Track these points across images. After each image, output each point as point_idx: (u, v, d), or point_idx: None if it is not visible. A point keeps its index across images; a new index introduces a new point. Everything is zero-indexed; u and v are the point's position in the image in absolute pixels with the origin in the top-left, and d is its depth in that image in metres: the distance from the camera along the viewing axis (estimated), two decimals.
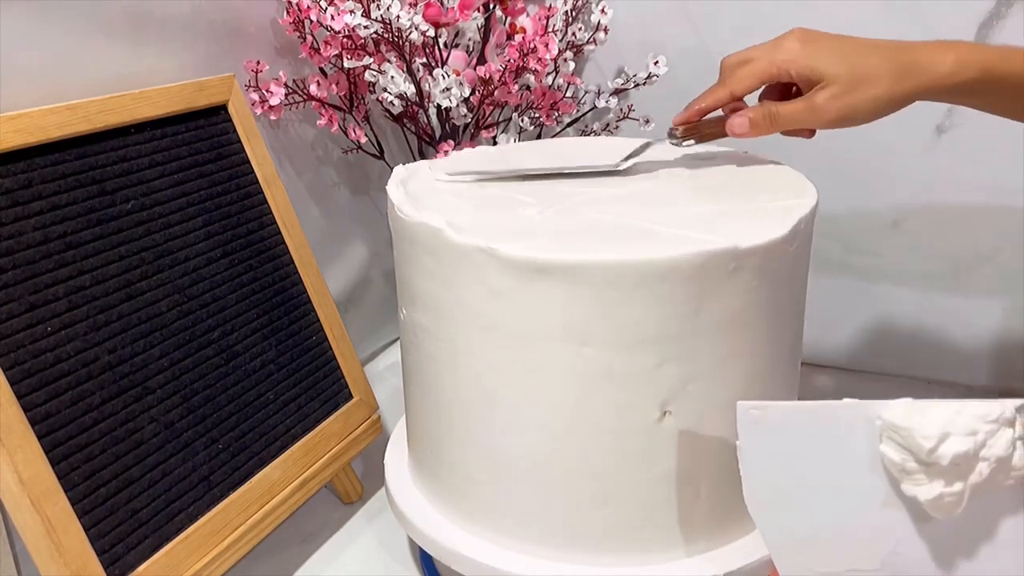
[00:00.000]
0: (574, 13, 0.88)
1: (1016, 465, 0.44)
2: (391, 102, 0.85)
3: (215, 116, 0.73)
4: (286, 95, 0.82)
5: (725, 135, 0.63)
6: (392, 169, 0.98)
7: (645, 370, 0.52)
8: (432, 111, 0.87)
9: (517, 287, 0.52)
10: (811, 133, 0.63)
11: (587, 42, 0.90)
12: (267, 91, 0.81)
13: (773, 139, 0.69)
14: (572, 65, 0.90)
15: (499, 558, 0.59)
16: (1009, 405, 0.44)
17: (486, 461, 0.59)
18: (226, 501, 0.65)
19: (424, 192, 0.63)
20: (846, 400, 0.45)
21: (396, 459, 0.71)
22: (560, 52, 0.87)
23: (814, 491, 0.46)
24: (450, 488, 0.63)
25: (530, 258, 0.51)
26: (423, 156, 0.93)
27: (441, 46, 0.84)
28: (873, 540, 0.46)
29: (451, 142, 0.88)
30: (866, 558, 0.46)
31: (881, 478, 0.45)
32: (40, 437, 0.55)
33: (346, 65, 0.81)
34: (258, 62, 0.79)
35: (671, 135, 0.65)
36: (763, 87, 0.63)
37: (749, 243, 0.51)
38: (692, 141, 0.65)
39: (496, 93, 0.85)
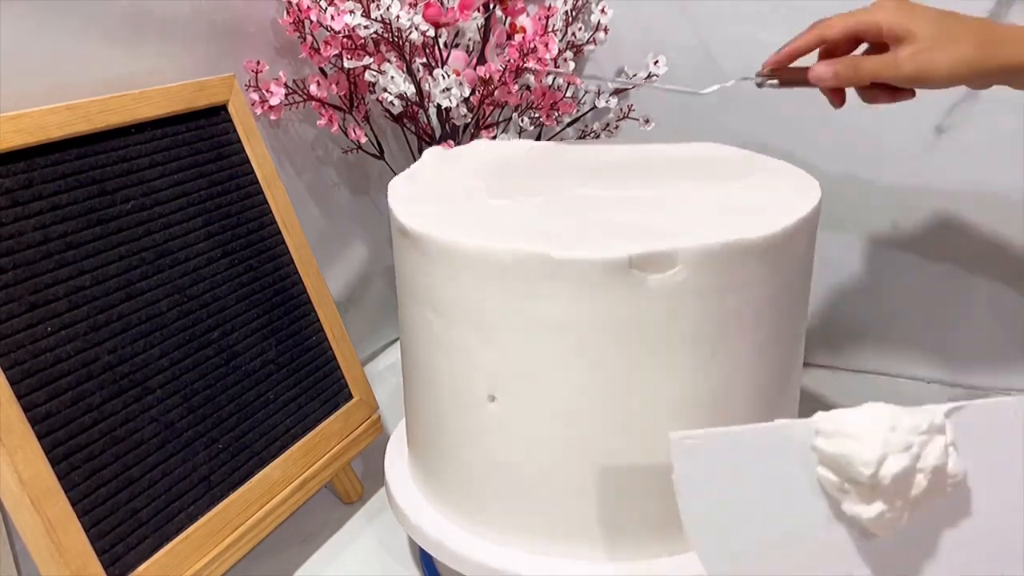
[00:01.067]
0: (574, 13, 0.88)
1: (952, 472, 0.44)
2: (391, 102, 0.85)
3: (215, 116, 0.73)
4: (286, 95, 0.82)
5: (807, 83, 0.64)
6: (392, 169, 0.98)
7: (467, 350, 0.56)
8: (432, 111, 0.87)
9: (402, 244, 0.59)
10: (890, 98, 0.63)
11: (587, 42, 0.90)
12: (267, 91, 0.81)
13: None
14: (572, 65, 0.90)
15: (499, 557, 0.59)
16: (938, 411, 0.44)
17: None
18: (226, 501, 0.65)
19: (449, 165, 0.69)
20: (778, 422, 0.45)
21: (396, 459, 0.71)
22: (560, 52, 0.87)
23: (755, 516, 0.45)
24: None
25: (401, 223, 0.58)
26: None
27: (441, 46, 0.84)
28: (818, 562, 0.45)
29: (451, 142, 0.88)
30: None
31: (821, 499, 0.45)
32: (40, 437, 0.55)
33: (346, 65, 0.81)
34: (258, 62, 0.79)
35: (757, 76, 0.67)
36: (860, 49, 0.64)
37: (563, 255, 0.51)
38: (775, 82, 0.66)
39: (496, 93, 0.85)
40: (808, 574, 0.45)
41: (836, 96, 0.66)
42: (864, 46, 0.63)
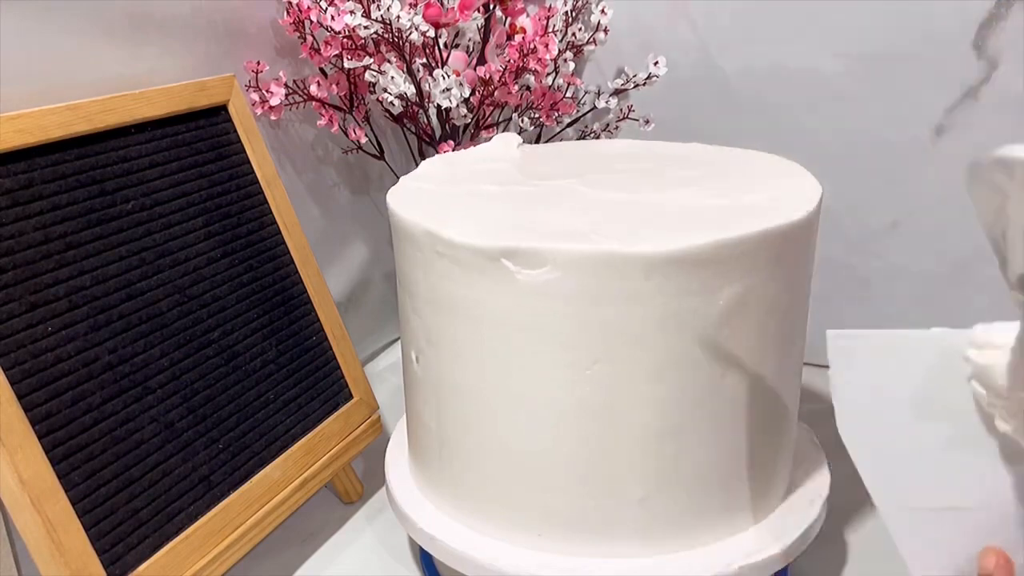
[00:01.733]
0: (574, 13, 0.88)
1: None
2: (391, 102, 0.85)
3: (215, 116, 0.73)
4: (286, 95, 0.82)
5: None
6: (392, 169, 0.98)
7: (406, 314, 0.62)
8: (432, 111, 0.87)
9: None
10: None
11: (587, 42, 0.90)
12: (267, 91, 0.81)
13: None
14: (572, 65, 0.90)
15: (500, 556, 0.59)
16: None
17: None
18: (226, 501, 0.65)
19: (465, 164, 0.71)
20: (935, 330, 0.44)
21: (396, 458, 0.71)
22: (560, 52, 0.87)
23: (908, 423, 0.45)
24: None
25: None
26: (423, 156, 0.93)
27: (441, 46, 0.84)
28: (969, 477, 0.44)
29: (451, 142, 0.88)
30: (963, 496, 0.44)
31: (974, 413, 0.44)
32: (40, 437, 0.55)
33: (346, 65, 0.81)
34: (258, 62, 0.79)
35: None
36: None
37: (450, 236, 0.55)
38: None
39: (496, 93, 0.85)
40: (956, 487, 0.45)
41: None
42: None
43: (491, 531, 0.61)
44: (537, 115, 0.91)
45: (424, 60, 0.84)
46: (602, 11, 0.89)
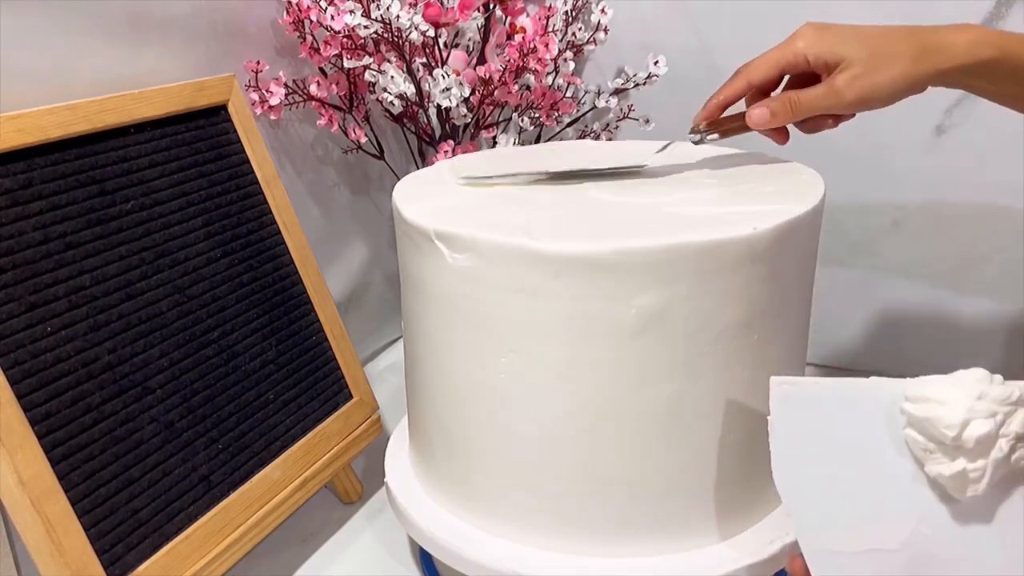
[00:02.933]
0: (574, 13, 0.88)
1: None
2: (391, 102, 0.85)
3: (215, 116, 0.73)
4: (286, 95, 0.82)
5: (747, 129, 0.62)
6: (392, 169, 0.98)
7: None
8: (432, 111, 0.87)
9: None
10: (834, 123, 0.62)
11: (587, 42, 0.90)
12: (267, 91, 0.81)
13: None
14: (572, 65, 0.90)
15: (501, 556, 0.59)
16: None
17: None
18: (226, 501, 0.65)
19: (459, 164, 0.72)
20: (873, 378, 0.47)
21: (397, 458, 0.71)
22: (560, 52, 0.87)
23: (841, 468, 0.47)
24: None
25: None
26: (423, 156, 0.93)
27: (441, 46, 0.84)
28: (896, 519, 0.46)
29: (451, 142, 0.88)
30: (888, 537, 0.46)
31: (906, 457, 0.46)
32: (40, 437, 0.55)
33: (346, 65, 0.81)
34: (258, 62, 0.79)
35: (692, 132, 0.65)
36: (783, 82, 0.63)
37: (408, 214, 0.58)
38: (715, 136, 0.64)
39: (496, 93, 0.85)
40: (889, 529, 0.46)
41: (778, 135, 0.63)
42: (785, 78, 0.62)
43: (490, 528, 0.61)
44: (537, 115, 0.91)
45: (424, 60, 0.84)
46: (602, 11, 0.89)
